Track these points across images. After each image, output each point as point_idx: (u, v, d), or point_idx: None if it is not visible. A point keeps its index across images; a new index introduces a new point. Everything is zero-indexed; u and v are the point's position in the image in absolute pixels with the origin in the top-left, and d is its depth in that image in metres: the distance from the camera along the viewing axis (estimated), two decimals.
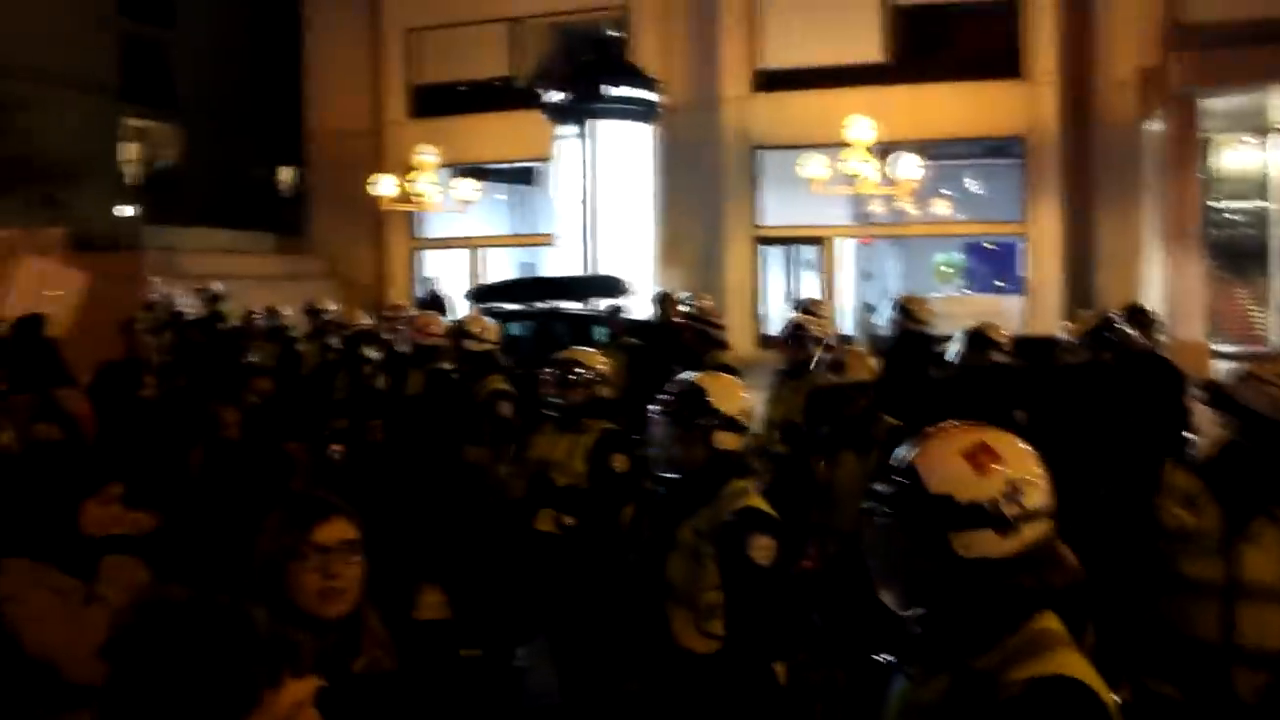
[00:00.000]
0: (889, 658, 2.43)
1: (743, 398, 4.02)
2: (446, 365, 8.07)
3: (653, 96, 21.75)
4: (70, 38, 33.11)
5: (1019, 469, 2.24)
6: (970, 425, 2.35)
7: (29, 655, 3.08)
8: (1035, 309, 21.72)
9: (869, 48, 22.39)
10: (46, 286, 10.48)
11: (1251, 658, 3.37)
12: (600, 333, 13.01)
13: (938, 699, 2.22)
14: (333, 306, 11.53)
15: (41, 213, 29.29)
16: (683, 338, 9.18)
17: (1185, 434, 6.64)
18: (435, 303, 19.15)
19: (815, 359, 6.16)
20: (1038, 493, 2.24)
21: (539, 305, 15.76)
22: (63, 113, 31.49)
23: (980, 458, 2.23)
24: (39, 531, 3.37)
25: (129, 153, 38.37)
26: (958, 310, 22.78)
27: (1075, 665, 2.17)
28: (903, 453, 2.31)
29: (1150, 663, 3.54)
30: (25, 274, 11.08)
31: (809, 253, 23.90)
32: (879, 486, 2.31)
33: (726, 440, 3.90)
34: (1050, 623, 2.24)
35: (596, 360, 5.79)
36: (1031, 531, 2.21)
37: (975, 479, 2.21)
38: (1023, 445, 2.31)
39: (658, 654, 3.97)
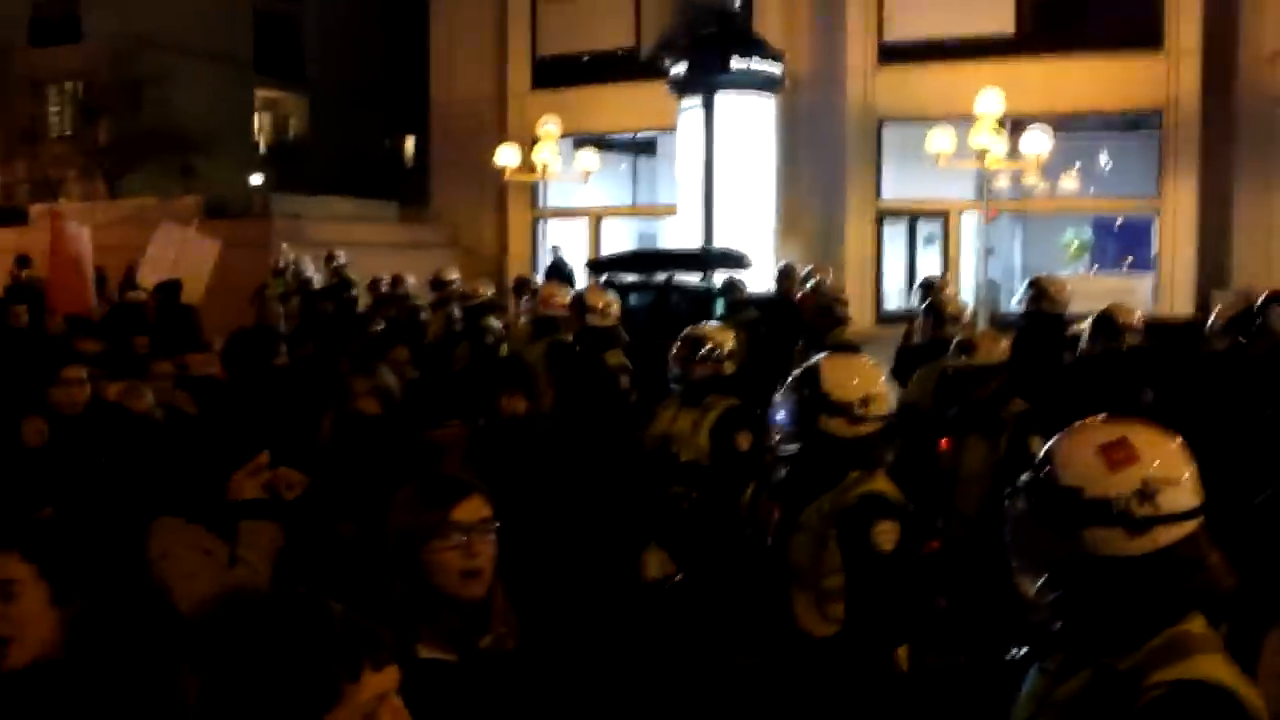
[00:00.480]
0: (1022, 651, 2.38)
1: (860, 384, 3.91)
2: (567, 337, 8.12)
3: (776, 69, 21.54)
4: (206, 13, 34.11)
5: (1158, 468, 2.15)
6: (1118, 418, 2.28)
7: (179, 611, 3.19)
8: (1168, 288, 21.04)
9: (999, 19, 21.84)
10: (183, 254, 10.81)
11: None
12: (719, 306, 12.99)
13: (1075, 697, 2.18)
14: (455, 276, 11.67)
15: (178, 181, 30.35)
16: (804, 314, 9.08)
17: None
18: (560, 272, 19.26)
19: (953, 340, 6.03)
20: (1178, 494, 2.15)
21: (658, 277, 15.77)
22: (199, 85, 32.47)
23: (1116, 454, 2.16)
24: (186, 496, 3.49)
25: (260, 123, 39.45)
26: (1086, 289, 22.24)
27: (1220, 670, 2.11)
28: (1050, 441, 2.27)
29: None
30: (162, 241, 11.44)
31: (931, 228, 23.48)
32: (1026, 474, 2.27)
33: (835, 426, 3.83)
34: (1196, 626, 2.17)
35: (723, 336, 5.77)
36: (1167, 534, 2.13)
37: (1106, 475, 2.14)
38: (1172, 444, 2.22)
39: (778, 635, 3.96)
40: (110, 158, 30.83)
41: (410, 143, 42.99)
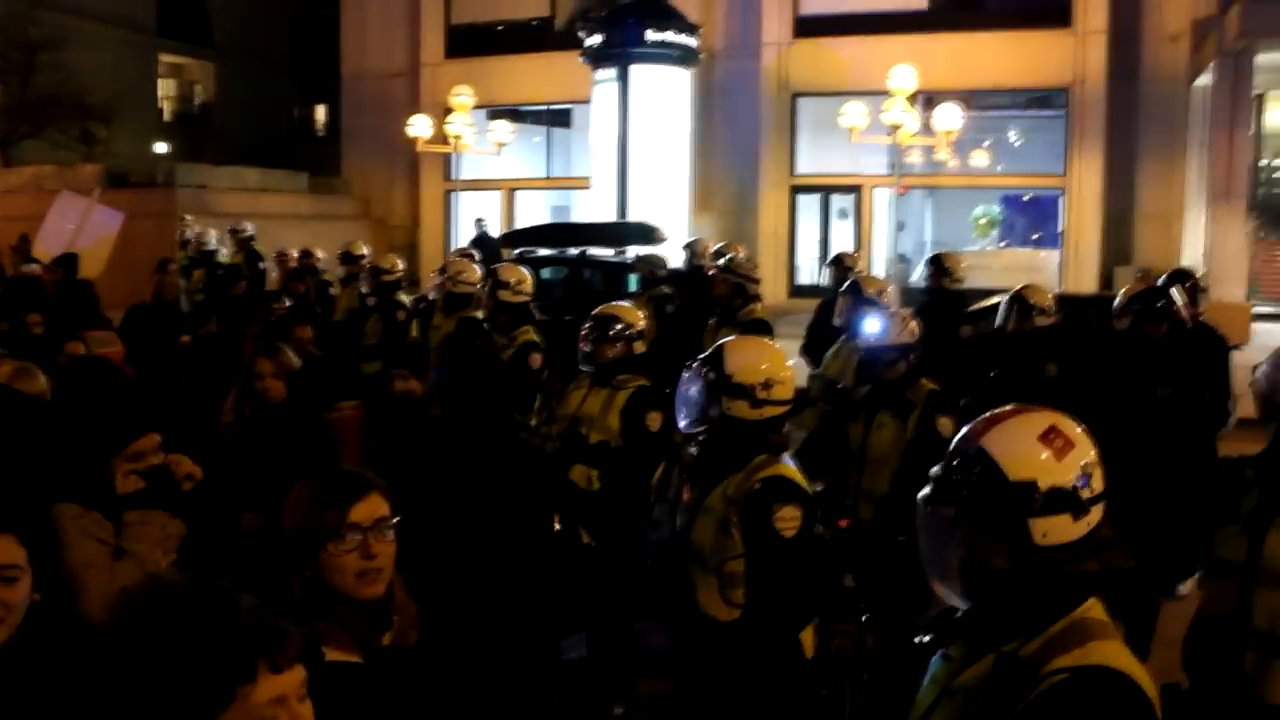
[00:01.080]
0: (926, 638, 2.38)
1: (765, 368, 3.90)
2: (478, 314, 8.02)
3: (692, 42, 21.49)
4: None
5: (1088, 451, 2.20)
6: (1029, 407, 2.29)
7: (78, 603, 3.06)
8: (1073, 264, 21.47)
9: None
10: (83, 225, 10.44)
11: (1262, 641, 3.30)
12: (632, 280, 12.93)
13: (977, 684, 2.19)
14: (366, 250, 11.46)
15: (77, 149, 29.42)
16: (715, 290, 9.06)
17: (1227, 407, 6.53)
18: (485, 245, 18.98)
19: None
20: (1101, 473, 2.21)
21: (571, 251, 15.66)
22: (98, 49, 31.46)
23: (1057, 441, 2.19)
24: (77, 482, 3.34)
25: (164, 90, 38.39)
26: (994, 263, 22.63)
27: (1119, 656, 2.13)
28: (964, 440, 2.25)
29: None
30: (61, 211, 11.05)
31: (844, 202, 23.68)
32: (939, 474, 2.25)
33: (738, 408, 3.82)
34: (1096, 611, 2.19)
35: (633, 315, 5.71)
36: (1097, 513, 2.18)
37: (1056, 464, 2.16)
38: (1081, 426, 2.26)
39: (682, 619, 3.94)
40: (3, 124, 29.76)
41: (321, 112, 42.21)
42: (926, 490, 2.28)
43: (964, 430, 2.27)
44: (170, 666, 1.58)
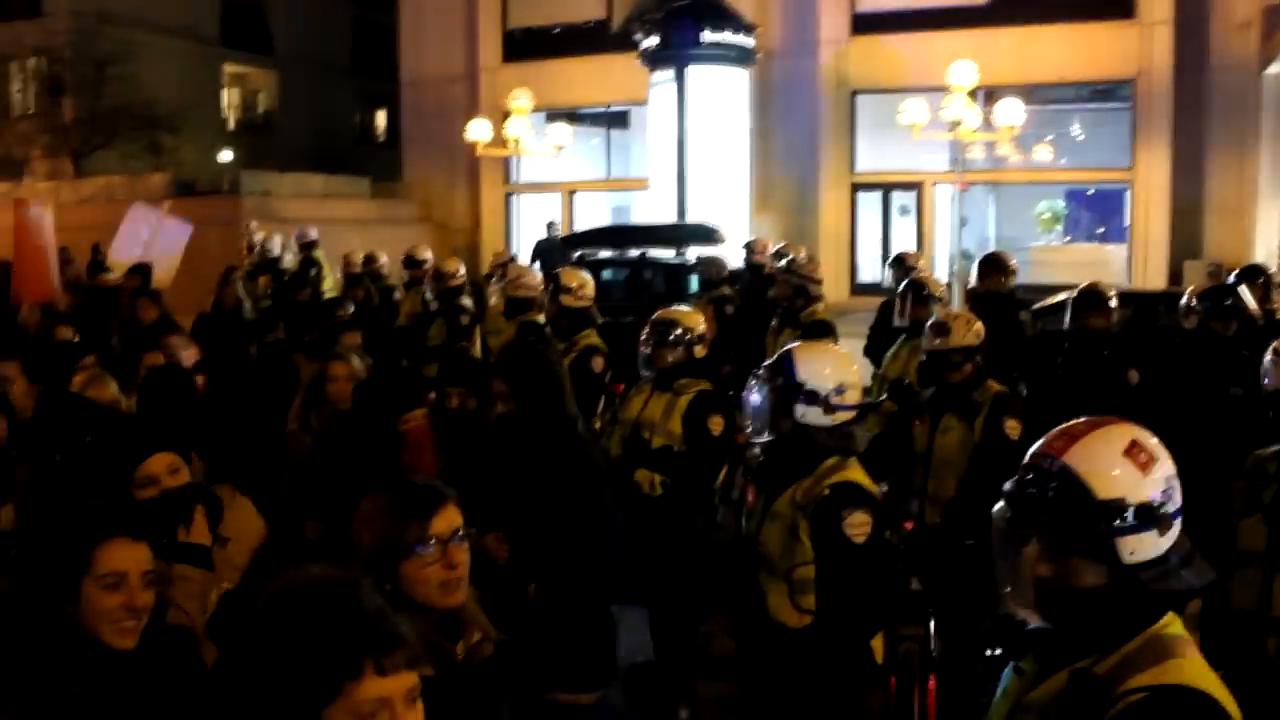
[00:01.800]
0: (998, 651, 2.35)
1: (834, 372, 3.87)
2: (539, 318, 8.05)
3: (748, 41, 21.41)
4: None
5: (1168, 464, 2.18)
6: (1106, 420, 2.24)
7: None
8: (1141, 259, 21.10)
9: None
10: (155, 235, 10.63)
11: None
12: (693, 281, 12.92)
13: (1051, 701, 2.15)
14: (428, 255, 11.55)
15: (146, 159, 29.98)
16: (777, 292, 9.03)
17: None
18: (551, 247, 18.95)
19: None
20: (1179, 486, 2.18)
21: (632, 253, 15.69)
22: (164, 61, 32.03)
23: (1141, 456, 2.16)
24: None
25: (229, 99, 39.00)
26: (1059, 259, 22.33)
27: (1199, 675, 2.08)
28: (1043, 457, 2.19)
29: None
30: (134, 222, 11.26)
31: (905, 199, 23.48)
32: (1015, 490, 2.20)
33: (813, 416, 3.80)
34: (1174, 626, 2.15)
35: (693, 320, 5.70)
36: (1178, 526, 2.16)
37: (1142, 480, 2.14)
38: (1155, 438, 2.22)
39: (751, 625, 3.93)
40: (76, 136, 30.41)
41: (381, 117, 42.64)
42: (1003, 508, 2.23)
43: (1040, 446, 2.22)
44: (282, 657, 1.65)
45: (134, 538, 2.46)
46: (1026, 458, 2.23)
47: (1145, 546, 2.11)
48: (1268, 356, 3.79)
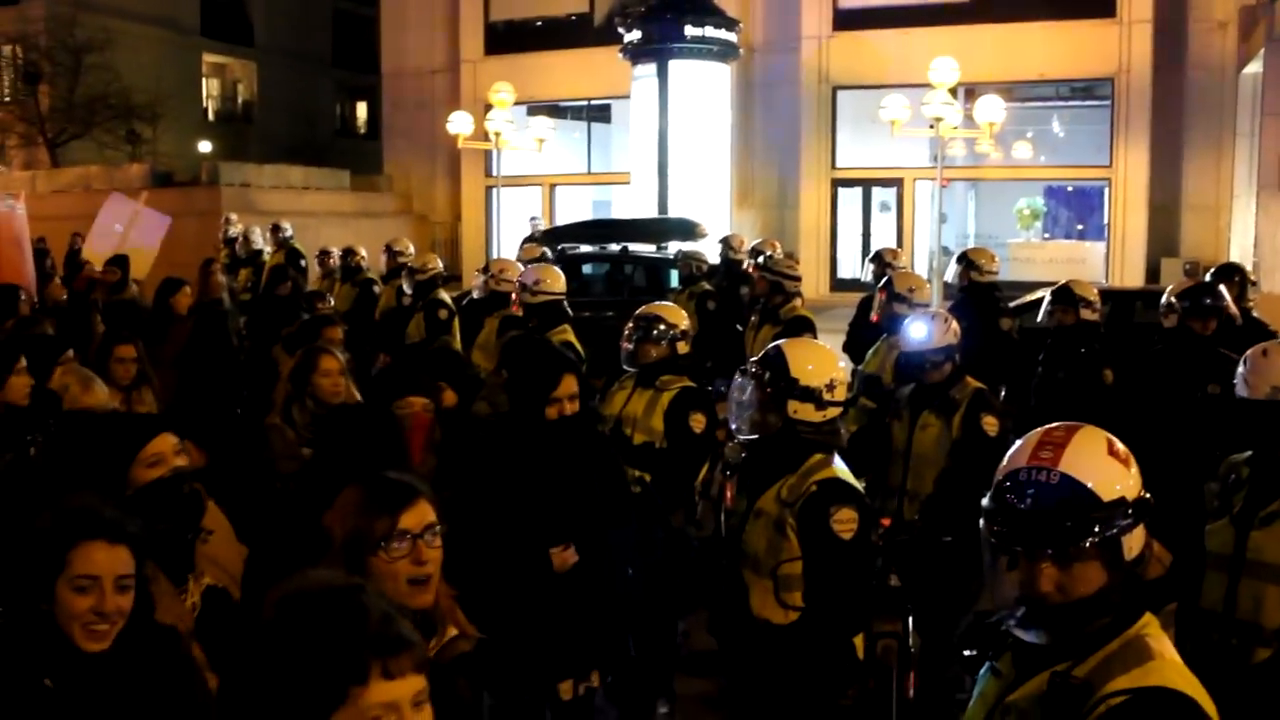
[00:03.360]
0: (974, 652, 2.36)
1: (824, 368, 3.88)
2: (519, 311, 8.02)
3: (731, 36, 21.41)
4: None
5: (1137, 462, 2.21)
6: (1079, 426, 2.24)
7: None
8: (1119, 256, 21.22)
9: None
10: (131, 227, 10.52)
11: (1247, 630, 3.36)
12: (674, 276, 12.90)
13: (1032, 704, 2.14)
14: (410, 248, 11.50)
15: (124, 149, 29.78)
16: (755, 289, 9.04)
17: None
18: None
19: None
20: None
21: (613, 247, 15.66)
22: (142, 50, 31.81)
23: (1121, 454, 2.19)
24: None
25: (208, 90, 38.76)
26: (1038, 256, 22.43)
27: (1179, 677, 2.09)
28: (1041, 470, 2.15)
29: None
30: (110, 213, 11.15)
31: (885, 195, 23.54)
32: (1012, 509, 2.15)
33: (806, 412, 3.81)
34: (1152, 627, 2.16)
35: (677, 315, 5.69)
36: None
37: (1130, 476, 2.17)
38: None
39: (733, 621, 3.93)
40: (52, 125, 30.16)
41: (362, 109, 42.48)
42: (1000, 529, 2.17)
43: (1026, 460, 2.17)
44: (288, 663, 1.63)
45: (112, 541, 2.44)
46: (1010, 473, 2.19)
47: (1137, 542, 2.14)
48: (1241, 366, 3.81)
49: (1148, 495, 2.16)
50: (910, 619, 4.52)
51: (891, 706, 4.41)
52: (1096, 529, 2.09)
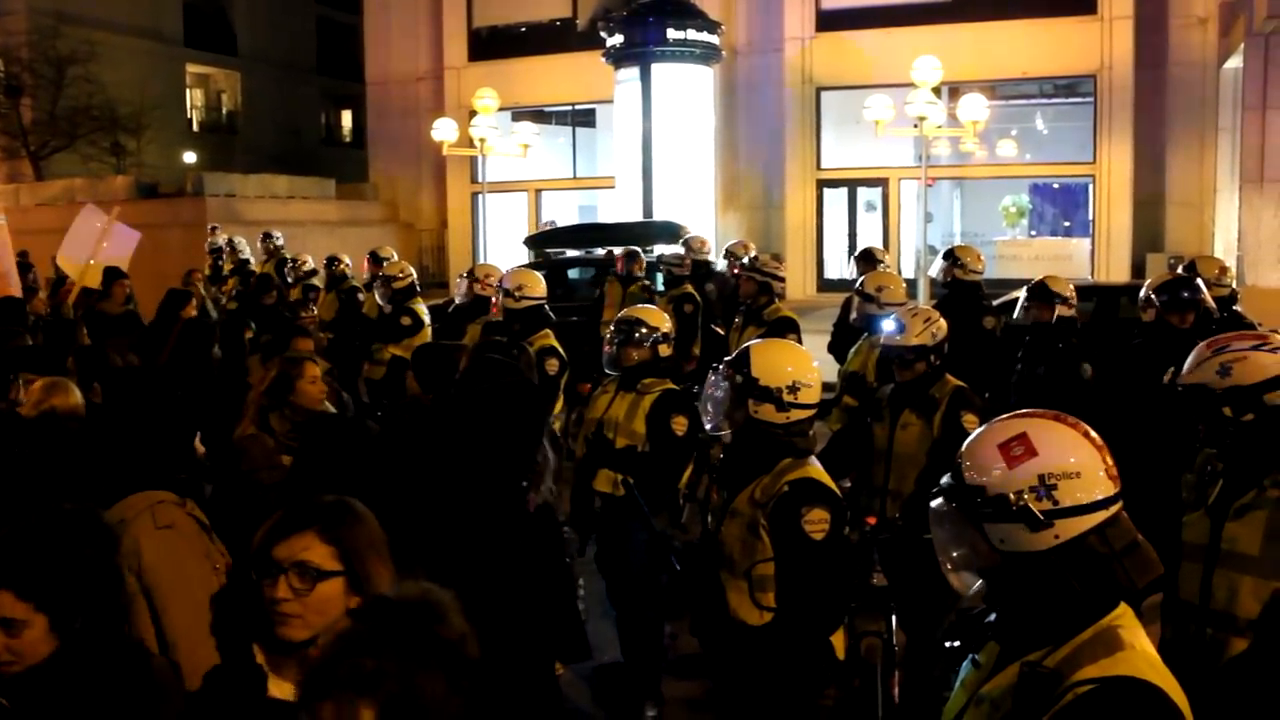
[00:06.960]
0: (956, 644, 2.37)
1: (791, 371, 3.87)
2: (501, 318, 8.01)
3: (713, 39, 21.44)
4: None
5: (1057, 463, 2.14)
6: (1026, 414, 2.26)
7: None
8: (1104, 252, 21.29)
9: None
10: (98, 242, 10.43)
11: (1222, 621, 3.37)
12: (659, 279, 12.90)
13: (1003, 694, 2.16)
14: (394, 256, 11.46)
15: (108, 161, 29.69)
16: (739, 290, 9.04)
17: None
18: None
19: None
20: (1079, 487, 2.14)
21: (598, 251, 15.67)
22: (126, 62, 31.73)
23: (1014, 449, 2.17)
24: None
25: (192, 100, 38.68)
26: (1024, 253, 22.48)
27: (1147, 666, 2.09)
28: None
29: None
30: (82, 226, 11.07)
31: (871, 195, 23.58)
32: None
33: (765, 412, 3.82)
34: (1124, 619, 2.16)
35: (658, 319, 5.69)
36: (1069, 528, 2.12)
37: (1003, 472, 2.15)
38: (1076, 436, 2.20)
39: (712, 622, 3.93)
40: (35, 137, 30.06)
41: (347, 118, 42.44)
42: (936, 487, 2.26)
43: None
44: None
45: None
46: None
47: (1014, 539, 2.17)
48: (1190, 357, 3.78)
49: (1014, 497, 2.13)
50: (894, 617, 4.52)
51: (877, 705, 4.41)
52: (958, 508, 2.20)
